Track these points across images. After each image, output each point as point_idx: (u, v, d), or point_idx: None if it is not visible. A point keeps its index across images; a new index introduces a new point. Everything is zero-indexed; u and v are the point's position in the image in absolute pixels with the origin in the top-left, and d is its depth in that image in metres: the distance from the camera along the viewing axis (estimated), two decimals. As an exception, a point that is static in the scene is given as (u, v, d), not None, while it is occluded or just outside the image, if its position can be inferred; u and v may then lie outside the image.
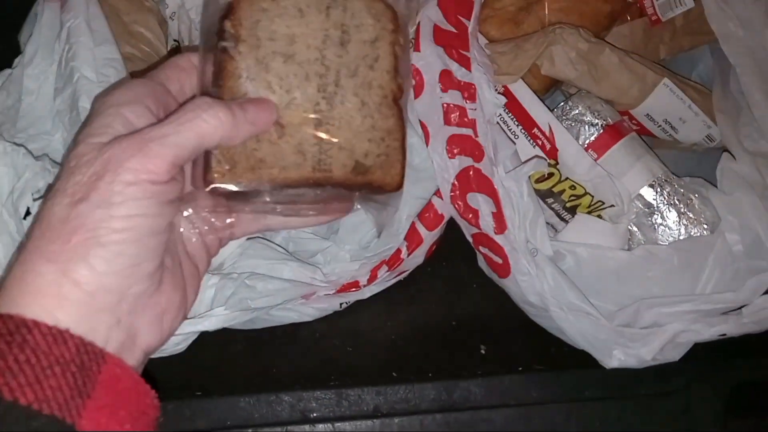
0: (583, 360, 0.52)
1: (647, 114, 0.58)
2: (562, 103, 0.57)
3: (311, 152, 0.37)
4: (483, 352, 0.56)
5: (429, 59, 0.51)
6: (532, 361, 0.55)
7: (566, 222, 0.55)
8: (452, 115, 0.51)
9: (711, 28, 0.57)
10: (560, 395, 0.55)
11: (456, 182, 0.51)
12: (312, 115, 0.37)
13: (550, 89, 0.61)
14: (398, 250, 0.52)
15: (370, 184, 0.38)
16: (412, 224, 0.51)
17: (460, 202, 0.51)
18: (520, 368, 0.55)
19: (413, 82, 0.52)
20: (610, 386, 0.55)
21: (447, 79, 0.51)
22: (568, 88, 0.63)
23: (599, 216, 0.54)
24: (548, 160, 0.54)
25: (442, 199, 0.51)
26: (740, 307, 0.50)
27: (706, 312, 0.49)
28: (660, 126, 0.59)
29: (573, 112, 0.56)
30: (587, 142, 0.55)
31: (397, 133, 0.39)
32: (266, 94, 0.36)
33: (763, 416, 0.60)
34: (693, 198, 0.53)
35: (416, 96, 0.52)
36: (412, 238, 0.52)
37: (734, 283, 0.50)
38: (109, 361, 0.30)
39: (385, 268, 0.52)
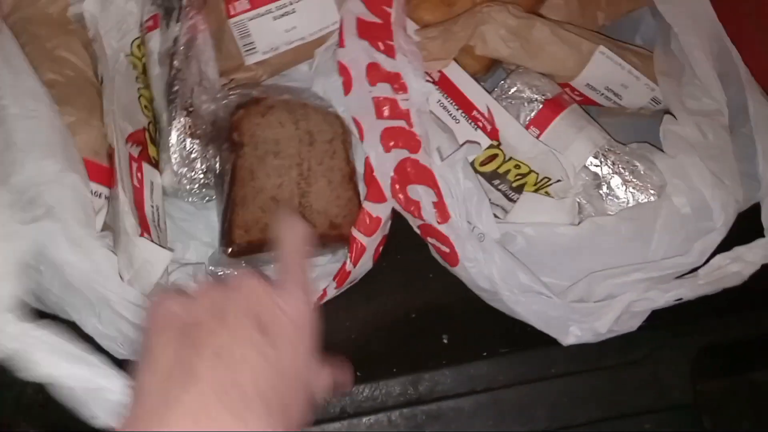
0: (547, 338, 0.52)
1: (587, 84, 0.57)
2: (501, 82, 0.57)
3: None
4: (446, 341, 0.55)
5: (354, 54, 0.50)
6: (497, 345, 0.55)
7: (515, 202, 0.54)
8: (383, 108, 0.50)
9: (647, -13, 0.57)
10: (527, 376, 0.54)
11: (395, 175, 0.50)
12: (296, 191, 0.52)
13: (491, 69, 0.60)
14: (343, 265, 0.51)
15: (341, 235, 0.53)
16: (351, 236, 0.51)
17: (401, 196, 0.50)
18: (485, 353, 0.55)
19: (342, 79, 0.51)
20: (576, 361, 0.54)
21: (374, 72, 0.50)
22: (510, 66, 0.62)
23: (546, 193, 0.54)
24: (491, 141, 0.54)
25: (373, 202, 0.51)
26: (696, 269, 0.50)
27: (658, 278, 0.49)
28: (603, 94, 0.58)
29: (512, 90, 0.56)
30: (528, 118, 0.55)
31: (355, 199, 0.54)
32: (266, 180, 0.52)
33: (731, 376, 0.60)
34: (638, 164, 0.52)
35: (345, 93, 0.51)
36: (353, 248, 0.51)
37: (684, 246, 0.49)
38: None
39: (333, 284, 0.51)
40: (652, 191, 0.52)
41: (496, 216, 0.52)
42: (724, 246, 0.49)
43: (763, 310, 0.57)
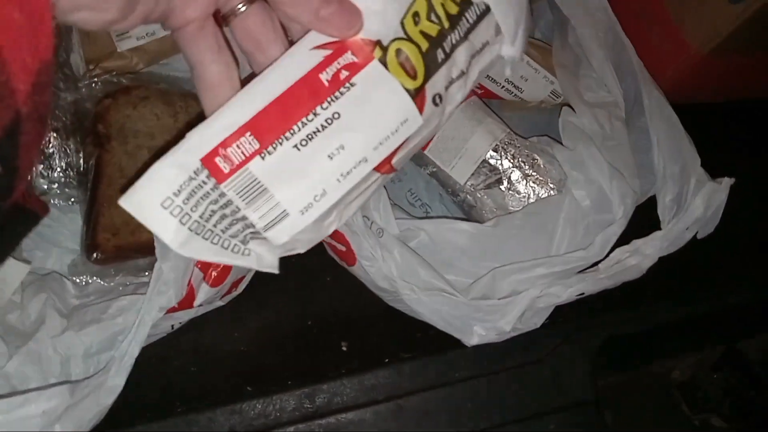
0: (450, 341, 0.49)
1: (487, 75, 0.55)
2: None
3: None
4: (345, 348, 0.51)
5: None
6: (398, 350, 0.52)
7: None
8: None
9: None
10: (430, 381, 0.51)
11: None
12: None
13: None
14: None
15: None
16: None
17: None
18: (386, 360, 0.51)
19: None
20: (479, 364, 0.52)
21: None
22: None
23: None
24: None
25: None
26: (597, 264, 0.48)
27: (560, 273, 0.47)
28: (503, 86, 0.56)
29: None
30: (426, 111, 0.52)
31: None
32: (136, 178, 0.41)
33: (633, 369, 0.60)
34: (537, 158, 0.50)
35: None
36: None
37: (587, 239, 0.48)
38: None
39: (205, 285, 0.45)
40: (551, 185, 0.50)
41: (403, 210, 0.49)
42: (623, 239, 0.48)
43: (657, 302, 0.57)
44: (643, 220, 0.50)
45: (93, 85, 0.48)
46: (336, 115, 0.30)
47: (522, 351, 0.53)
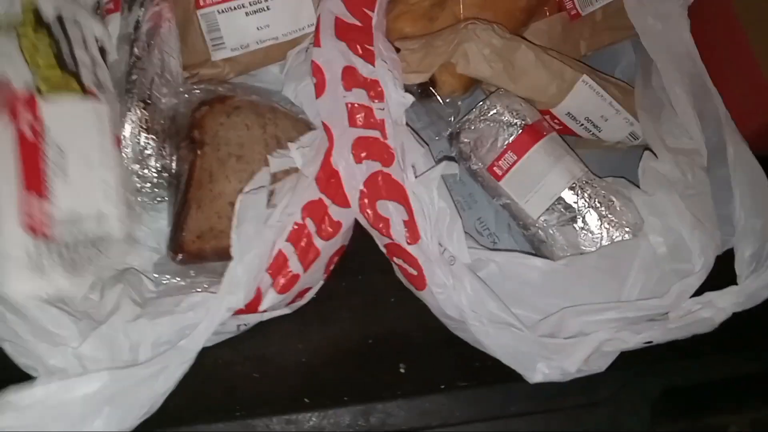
0: (508, 373, 0.48)
1: (568, 113, 0.55)
2: (480, 103, 0.53)
3: None
4: (402, 370, 0.51)
5: (330, 55, 0.46)
6: (455, 378, 0.51)
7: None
8: (357, 116, 0.46)
9: (631, 22, 0.54)
10: (485, 413, 0.50)
11: (364, 189, 0.46)
12: None
13: (470, 88, 0.57)
14: (284, 265, 0.45)
15: None
16: (308, 237, 0.46)
17: (369, 211, 0.46)
18: (443, 386, 0.51)
19: (315, 80, 0.47)
20: (536, 400, 0.51)
21: (350, 77, 0.46)
22: (489, 86, 0.59)
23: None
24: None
25: (338, 205, 0.47)
26: (666, 312, 0.47)
27: (631, 319, 0.46)
28: (582, 125, 0.56)
29: (491, 112, 0.52)
30: (506, 143, 0.51)
31: None
32: (226, 184, 0.47)
33: (690, 419, 0.58)
34: (614, 200, 0.49)
35: (317, 95, 0.47)
36: (307, 252, 0.46)
37: (660, 286, 0.47)
38: None
39: (273, 291, 0.46)
40: (627, 228, 0.49)
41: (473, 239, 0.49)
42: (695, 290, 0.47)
43: (722, 354, 0.55)
44: (717, 272, 0.49)
45: (191, 91, 0.50)
46: None
47: (581, 392, 0.51)
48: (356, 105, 0.46)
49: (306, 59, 0.53)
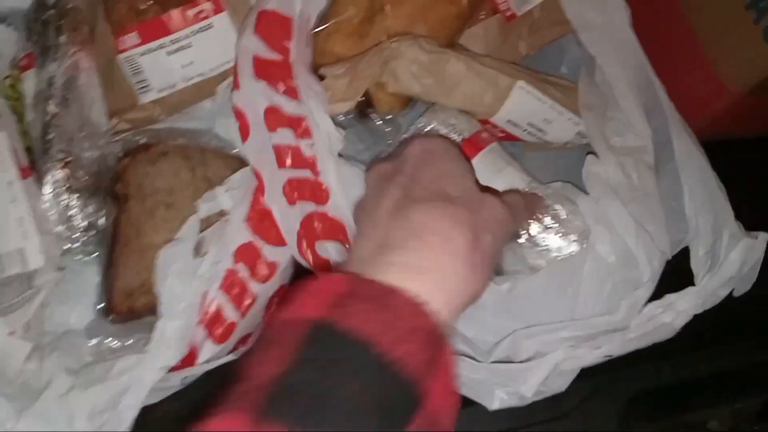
0: (471, 395, 0.47)
1: (509, 120, 0.52)
2: (417, 122, 0.51)
3: None
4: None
5: (250, 97, 0.44)
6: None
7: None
8: (285, 157, 0.44)
9: (569, 17, 0.52)
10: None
11: (301, 231, 0.44)
12: None
13: (408, 103, 0.55)
14: (219, 315, 0.44)
15: None
16: (242, 283, 0.44)
17: (310, 255, 0.45)
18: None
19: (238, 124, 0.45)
20: (502, 419, 0.50)
21: (274, 117, 0.44)
22: (428, 102, 0.57)
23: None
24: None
25: (273, 245, 0.45)
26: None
27: (586, 336, 0.44)
28: (525, 130, 0.54)
29: (426, 129, 0.50)
30: (445, 160, 0.49)
31: None
32: (154, 235, 0.46)
33: (667, 419, 0.56)
34: (559, 209, 0.47)
35: (243, 140, 0.45)
36: (242, 298, 0.44)
37: (612, 297, 0.45)
38: (447, 349, 0.29)
39: (209, 341, 0.44)
40: (573, 238, 0.47)
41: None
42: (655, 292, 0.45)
43: (692, 353, 0.54)
44: (679, 268, 0.47)
45: (114, 141, 0.48)
46: None
47: (549, 405, 0.49)
48: (283, 145, 0.44)
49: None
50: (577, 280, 0.44)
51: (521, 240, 0.48)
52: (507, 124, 0.53)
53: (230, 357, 0.46)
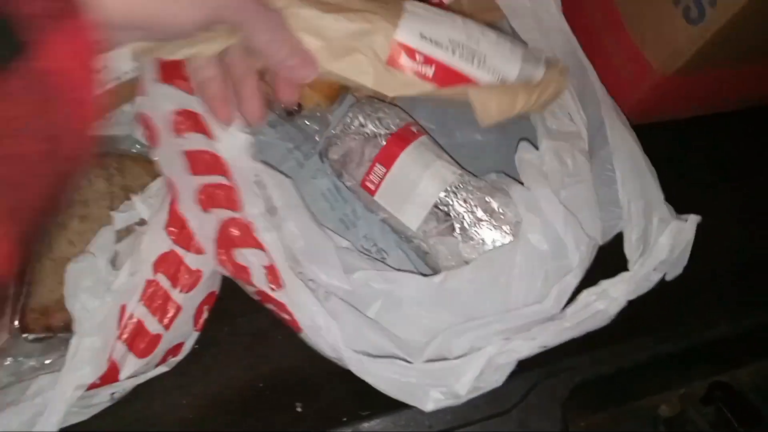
0: (410, 396, 0.46)
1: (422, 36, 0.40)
2: (344, 116, 0.49)
3: None
4: (300, 410, 0.47)
5: (156, 102, 0.41)
6: (357, 408, 0.47)
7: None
8: (198, 164, 0.41)
9: (498, 2, 0.51)
10: (391, 440, 0.47)
11: (218, 240, 0.42)
12: None
13: (335, 97, 0.53)
14: (141, 328, 0.41)
15: None
16: (164, 293, 0.42)
17: (228, 264, 0.42)
18: (345, 419, 0.47)
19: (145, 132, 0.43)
20: (442, 419, 0.48)
21: (182, 120, 0.41)
22: (359, 92, 0.55)
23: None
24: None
25: (195, 254, 0.42)
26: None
27: (519, 328, 0.42)
28: (455, 52, 0.41)
29: (353, 124, 0.48)
30: (373, 155, 0.47)
31: None
32: (69, 249, 0.43)
33: (613, 407, 0.55)
34: (491, 200, 0.46)
35: (153, 146, 0.42)
36: (165, 309, 0.42)
37: (546, 286, 0.43)
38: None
39: (131, 356, 0.41)
40: (506, 230, 0.45)
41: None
42: (591, 280, 0.44)
43: (632, 339, 0.52)
44: (616, 255, 0.46)
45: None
46: None
47: (488, 403, 0.48)
48: (194, 151, 0.41)
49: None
50: (509, 270, 0.43)
51: (455, 234, 0.46)
52: (424, 43, 0.42)
53: (161, 369, 0.44)
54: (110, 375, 0.40)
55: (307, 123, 0.52)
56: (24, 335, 0.42)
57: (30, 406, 0.38)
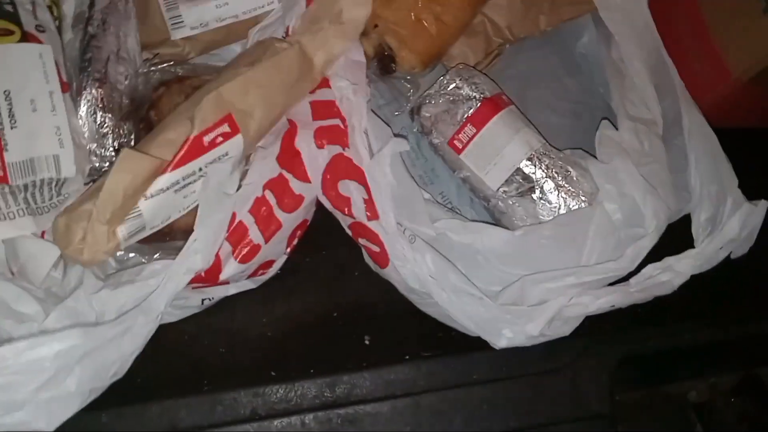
0: (470, 343, 0.48)
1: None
2: (441, 78, 0.52)
3: None
4: (367, 342, 0.50)
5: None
6: (419, 349, 0.50)
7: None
8: (320, 110, 0.46)
9: (590, -4, 0.53)
10: (448, 381, 0.49)
11: (327, 171, 0.46)
12: None
13: (429, 64, 0.56)
14: (245, 235, 0.44)
15: None
16: (269, 209, 0.45)
17: (332, 192, 0.45)
18: (407, 357, 0.49)
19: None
20: (497, 368, 0.50)
21: None
22: (449, 62, 0.58)
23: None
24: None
25: (300, 180, 0.45)
26: (628, 276, 0.46)
27: (591, 283, 0.45)
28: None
29: (450, 86, 0.51)
30: (466, 116, 0.50)
31: None
32: None
33: (649, 387, 0.57)
34: (571, 170, 0.48)
35: None
36: (268, 223, 0.45)
37: (617, 252, 0.45)
38: None
39: (233, 260, 0.44)
40: (583, 198, 0.48)
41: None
42: (655, 257, 0.46)
43: (681, 322, 0.55)
44: (676, 238, 0.48)
45: (149, 71, 0.48)
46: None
47: (541, 359, 0.50)
48: (319, 101, 0.46)
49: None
50: (583, 234, 0.45)
51: (534, 197, 0.48)
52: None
53: (249, 285, 0.47)
54: (213, 272, 0.43)
55: (403, 81, 0.55)
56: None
57: (144, 285, 0.41)
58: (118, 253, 0.45)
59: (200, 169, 0.41)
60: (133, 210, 0.39)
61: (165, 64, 0.49)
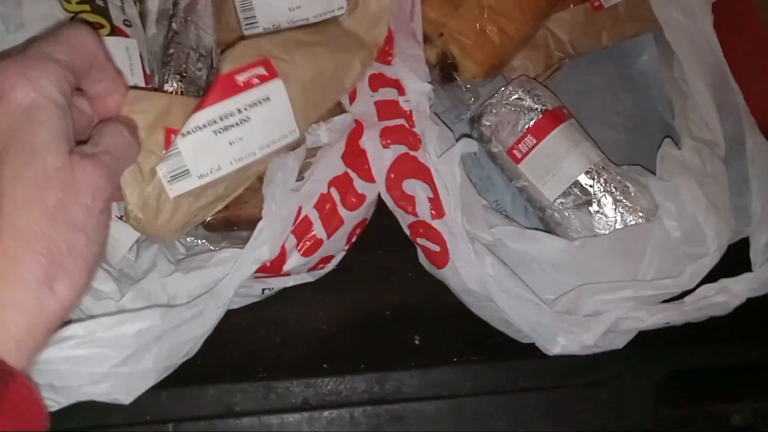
0: (518, 350, 0.48)
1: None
2: (503, 88, 0.52)
3: None
4: (417, 342, 0.50)
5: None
6: (468, 352, 0.50)
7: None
8: (385, 110, 0.47)
9: (654, 15, 0.53)
10: (494, 386, 0.49)
11: (391, 169, 0.46)
12: None
13: (490, 74, 0.56)
14: (309, 229, 0.46)
15: None
16: (333, 205, 0.46)
17: (396, 191, 0.46)
18: (455, 359, 0.50)
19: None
20: (544, 376, 0.50)
21: (376, 80, 0.47)
22: (510, 73, 0.58)
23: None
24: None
25: (363, 180, 0.46)
26: (681, 295, 0.46)
27: (647, 298, 0.44)
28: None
29: (513, 97, 0.51)
30: (526, 126, 0.50)
31: None
32: None
33: (694, 405, 0.57)
34: (629, 185, 0.48)
35: (351, 102, 0.48)
36: (331, 219, 0.46)
37: (674, 269, 0.45)
38: (18, 380, 0.27)
39: (297, 253, 0.45)
40: (640, 213, 0.48)
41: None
42: (710, 277, 0.46)
43: (729, 342, 0.54)
44: (730, 261, 0.48)
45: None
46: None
47: (588, 371, 0.50)
48: (383, 101, 0.47)
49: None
50: (642, 249, 0.45)
51: (591, 210, 0.49)
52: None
53: (307, 278, 0.48)
54: (277, 263, 0.44)
55: (464, 89, 0.55)
56: (203, 222, 0.45)
57: (213, 272, 0.42)
58: (188, 239, 0.47)
59: (239, 111, 0.39)
60: (172, 148, 0.37)
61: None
